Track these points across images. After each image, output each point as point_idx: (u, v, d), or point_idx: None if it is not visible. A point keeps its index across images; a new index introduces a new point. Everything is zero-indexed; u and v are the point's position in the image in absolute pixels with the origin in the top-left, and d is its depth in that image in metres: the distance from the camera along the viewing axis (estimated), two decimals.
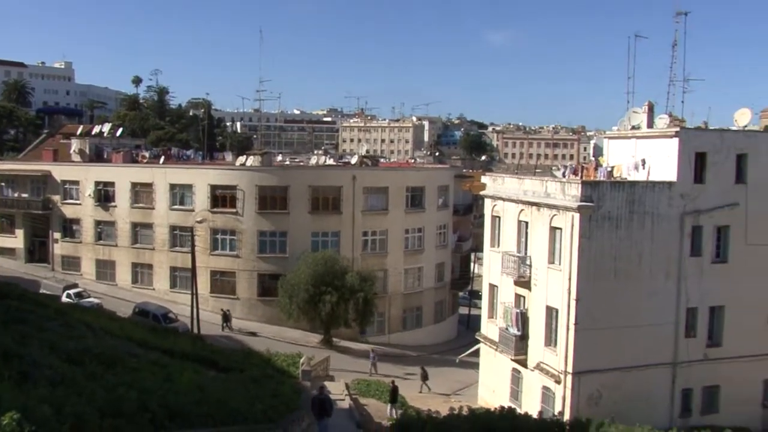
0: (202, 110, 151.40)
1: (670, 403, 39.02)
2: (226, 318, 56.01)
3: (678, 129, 39.07)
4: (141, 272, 63.76)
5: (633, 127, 42.25)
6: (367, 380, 45.25)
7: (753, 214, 39.76)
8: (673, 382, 38.91)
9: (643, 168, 39.88)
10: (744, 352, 40.30)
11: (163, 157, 71.32)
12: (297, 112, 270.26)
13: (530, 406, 39.53)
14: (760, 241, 40.15)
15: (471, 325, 68.50)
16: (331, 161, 73.39)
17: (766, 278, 40.66)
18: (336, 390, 40.40)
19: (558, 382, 37.30)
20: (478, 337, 47.09)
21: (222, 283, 60.09)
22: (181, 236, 60.90)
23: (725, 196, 39.20)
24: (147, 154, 73.80)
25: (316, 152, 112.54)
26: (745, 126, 42.28)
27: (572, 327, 36.25)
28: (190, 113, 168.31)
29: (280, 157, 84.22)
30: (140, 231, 63.45)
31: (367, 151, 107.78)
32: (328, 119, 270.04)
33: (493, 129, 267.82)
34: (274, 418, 27.33)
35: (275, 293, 55.85)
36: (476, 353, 48.18)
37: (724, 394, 40.24)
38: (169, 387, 24.49)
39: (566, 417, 35.49)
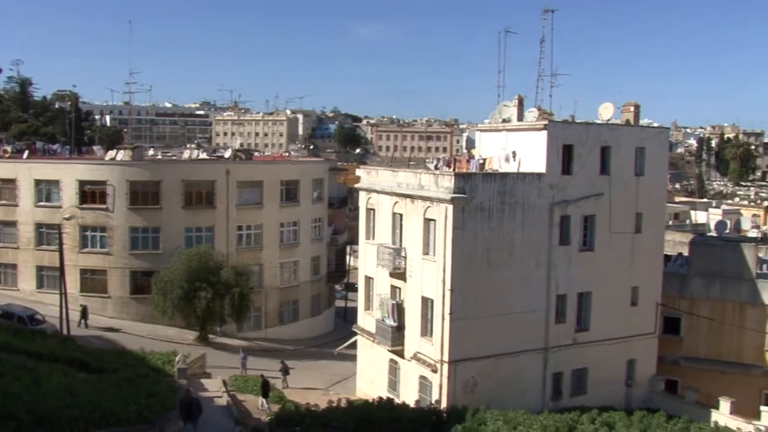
0: (69, 103, 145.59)
1: (542, 387, 40.31)
2: (84, 314, 53.86)
3: (546, 122, 40.22)
4: (4, 273, 60.76)
5: (504, 121, 43.28)
6: (244, 376, 44.75)
7: (616, 204, 41.53)
8: (544, 366, 40.21)
9: (514, 160, 40.92)
10: (609, 336, 42.17)
11: (27, 152, 68.20)
12: (169, 105, 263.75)
13: (408, 395, 40.02)
14: (623, 228, 42.06)
15: (348, 317, 68.70)
16: (204, 155, 72.05)
17: (628, 264, 42.65)
18: (213, 387, 39.85)
19: (435, 371, 37.86)
20: (355, 330, 47.27)
21: (92, 281, 58.00)
22: (48, 234, 58.34)
23: (591, 186, 40.74)
24: (9, 149, 70.49)
25: (188, 146, 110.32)
26: (609, 119, 43.96)
27: (447, 317, 36.85)
28: (56, 106, 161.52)
29: (151, 152, 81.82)
30: (3, 229, 60.49)
31: (241, 145, 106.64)
32: (201, 112, 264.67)
33: (368, 122, 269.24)
34: (149, 418, 26.76)
35: (149, 291, 54.41)
36: (354, 345, 48.37)
37: (591, 375, 41.94)
38: (37, 391, 23.59)
39: (443, 405, 36.13)
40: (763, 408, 40.73)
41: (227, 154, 68.69)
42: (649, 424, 32.41)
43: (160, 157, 75.54)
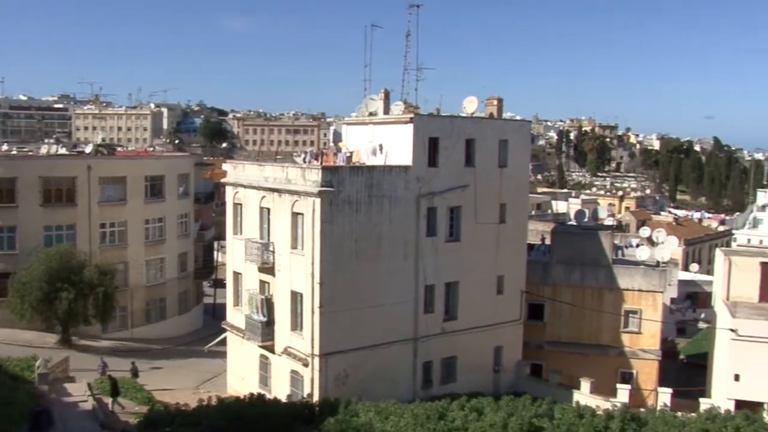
0: None
1: (413, 377, 40.84)
2: None
3: (412, 115, 40.64)
4: None
5: (370, 114, 43.55)
6: (116, 379, 43.35)
7: (481, 195, 42.50)
8: (414, 356, 40.74)
9: (381, 153, 41.25)
10: (477, 324, 43.16)
11: None
12: (24, 98, 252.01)
13: (280, 390, 39.80)
14: (488, 219, 43.10)
15: (217, 314, 67.68)
16: (63, 150, 69.22)
17: (493, 254, 43.76)
18: (77, 391, 38.51)
19: (306, 365, 37.79)
20: (225, 326, 46.62)
21: None
22: None
23: (456, 178, 41.50)
24: None
25: (46, 141, 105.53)
26: (473, 113, 44.80)
27: (317, 310, 36.80)
28: None
29: (5, 147, 78.13)
30: None
31: (103, 140, 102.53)
32: (60, 106, 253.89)
33: (234, 116, 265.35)
34: (7, 428, 25.59)
35: (4, 293, 51.95)
36: (223, 342, 47.70)
37: (460, 363, 42.83)
38: None
39: (315, 398, 36.09)
40: (619, 386, 42.66)
41: (88, 149, 66.20)
42: (515, 408, 33.23)
43: (15, 152, 72.04)
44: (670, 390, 41.58)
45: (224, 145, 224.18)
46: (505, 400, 35.16)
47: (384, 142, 41.25)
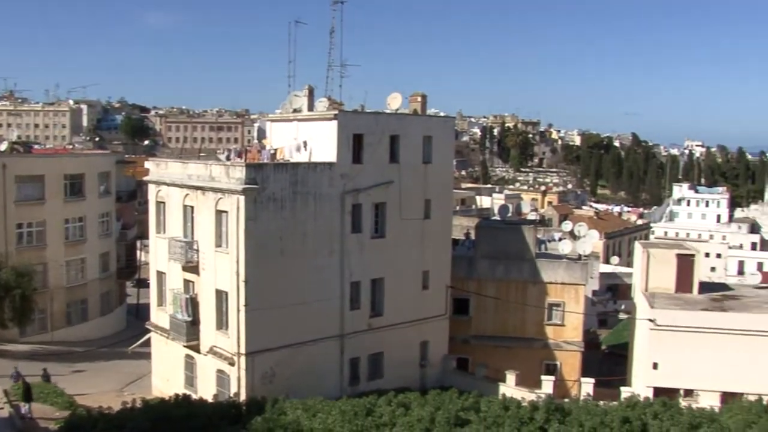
0: None
1: (340, 373, 40.86)
2: None
3: (336, 112, 40.64)
4: None
5: (295, 111, 43.33)
6: (29, 383, 42.18)
7: (406, 191, 42.72)
8: (341, 353, 40.77)
9: (305, 150, 41.11)
10: (403, 319, 43.37)
11: None
12: None
13: (206, 391, 39.34)
14: (413, 215, 43.35)
15: (140, 315, 66.45)
16: None
17: (419, 250, 44.02)
18: None
19: (232, 364, 37.45)
20: (149, 327, 45.83)
21: None
22: None
23: (381, 174, 41.62)
24: None
25: None
26: (397, 109, 45.06)
27: (242, 309, 36.50)
28: None
29: None
30: None
31: (19, 137, 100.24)
32: None
33: (156, 113, 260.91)
34: None
35: None
36: (148, 343, 46.90)
37: (387, 359, 43.00)
38: None
39: (242, 398, 35.83)
40: (544, 378, 43.46)
41: (3, 146, 64.27)
42: (442, 402, 33.60)
43: None
44: (592, 380, 42.68)
45: (146, 142, 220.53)
46: (432, 395, 35.53)
47: (308, 138, 41.11)
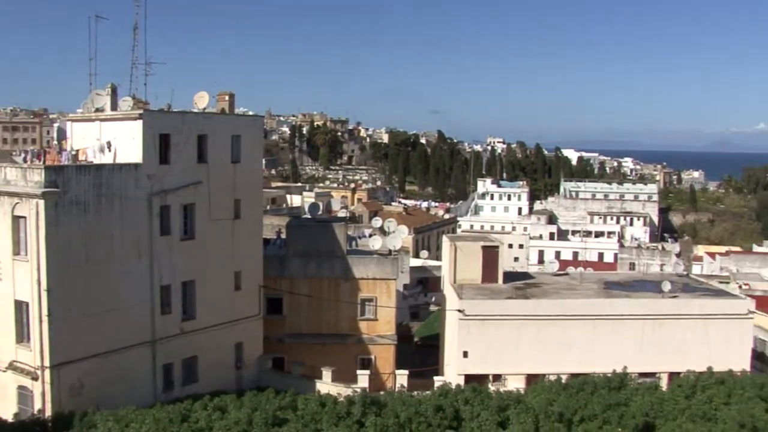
0: None
1: (153, 380, 39.74)
2: None
3: (142, 111, 39.50)
4: None
5: (97, 110, 41.60)
6: None
7: (215, 191, 42.16)
8: (153, 359, 39.66)
9: (110, 150, 39.63)
10: (216, 321, 42.85)
11: None
12: None
13: (6, 410, 36.92)
14: (223, 215, 42.88)
15: None
16: None
17: (230, 250, 43.58)
18: None
19: (35, 378, 35.51)
20: None
21: None
22: None
23: (189, 175, 40.86)
24: None
25: None
26: (204, 108, 44.36)
27: (45, 319, 34.73)
28: None
29: None
30: None
31: None
32: None
33: None
34: None
35: None
36: None
37: (202, 362, 42.28)
38: None
39: (48, 413, 34.15)
40: (359, 372, 44.18)
41: None
42: (259, 403, 33.47)
43: None
44: (406, 372, 43.87)
45: None
46: (249, 396, 35.32)
47: (112, 139, 39.66)
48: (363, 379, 43.44)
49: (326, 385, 42.46)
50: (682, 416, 30.81)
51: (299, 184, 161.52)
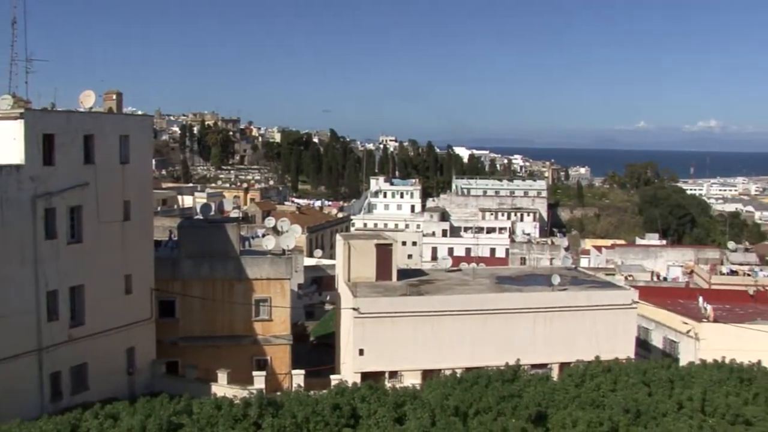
0: None
1: (40, 391, 38.32)
2: None
3: (23, 110, 38.11)
4: None
5: None
6: None
7: (103, 193, 41.02)
8: (40, 368, 38.23)
9: None
10: (106, 327, 41.67)
11: None
12: None
13: None
14: (112, 217, 41.76)
15: None
16: None
17: (119, 253, 42.47)
18: None
19: None
20: None
21: None
22: None
23: (76, 176, 39.62)
24: None
25: None
26: (91, 108, 43.21)
27: None
28: None
29: None
30: None
31: None
32: None
33: None
34: None
35: None
36: None
37: (92, 370, 41.04)
38: None
39: None
40: (255, 374, 43.81)
41: None
42: (152, 408, 32.69)
43: None
44: (302, 371, 43.82)
45: None
46: (142, 402, 34.48)
47: None
48: (259, 380, 43.08)
49: (222, 387, 41.92)
50: (573, 404, 31.89)
51: (191, 185, 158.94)
